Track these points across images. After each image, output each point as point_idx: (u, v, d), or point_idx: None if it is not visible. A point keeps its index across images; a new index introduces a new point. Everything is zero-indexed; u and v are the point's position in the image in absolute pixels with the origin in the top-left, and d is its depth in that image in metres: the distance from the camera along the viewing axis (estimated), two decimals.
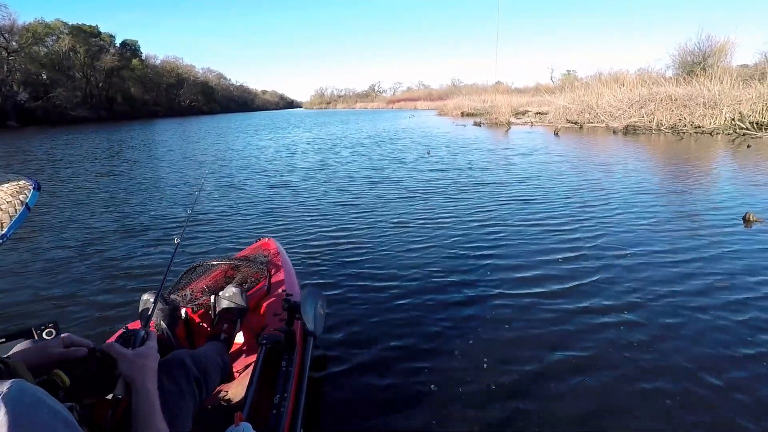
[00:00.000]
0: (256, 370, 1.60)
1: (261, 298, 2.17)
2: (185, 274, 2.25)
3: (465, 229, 4.57)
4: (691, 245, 3.86)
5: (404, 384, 2.09)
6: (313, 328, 1.76)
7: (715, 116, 15.45)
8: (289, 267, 2.49)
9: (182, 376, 1.25)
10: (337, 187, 6.97)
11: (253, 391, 1.50)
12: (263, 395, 1.54)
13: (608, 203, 5.50)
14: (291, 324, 1.78)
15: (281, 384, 1.56)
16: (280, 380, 1.58)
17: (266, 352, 1.72)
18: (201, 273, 2.26)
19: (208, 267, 2.30)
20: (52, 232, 4.84)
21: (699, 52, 22.81)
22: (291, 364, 1.67)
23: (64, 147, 15.13)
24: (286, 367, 1.65)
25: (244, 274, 2.25)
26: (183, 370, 1.27)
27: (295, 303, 1.81)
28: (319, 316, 1.83)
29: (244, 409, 1.39)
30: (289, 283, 2.27)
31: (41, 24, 42.56)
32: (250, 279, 2.23)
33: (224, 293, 1.90)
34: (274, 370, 1.66)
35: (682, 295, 2.94)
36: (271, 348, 1.74)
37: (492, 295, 2.99)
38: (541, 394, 2.00)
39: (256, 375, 1.57)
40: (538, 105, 27.04)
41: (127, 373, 1.02)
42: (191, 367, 1.30)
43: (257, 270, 2.28)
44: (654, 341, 2.40)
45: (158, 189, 7.37)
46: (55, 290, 3.27)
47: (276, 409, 1.45)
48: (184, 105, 63.49)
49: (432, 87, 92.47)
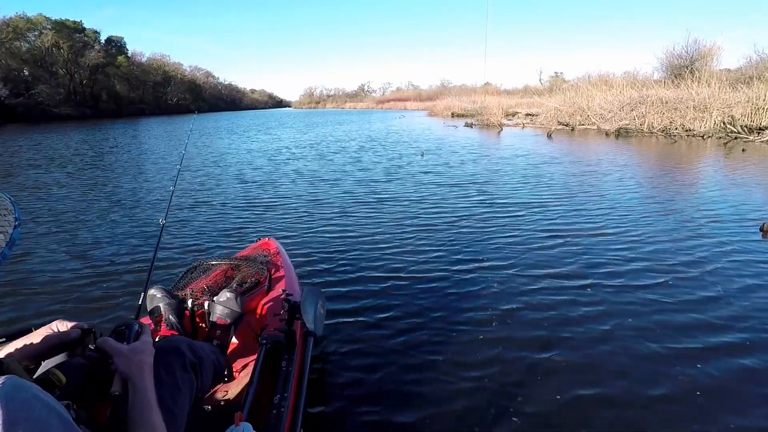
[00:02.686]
0: (256, 370, 1.59)
1: (261, 298, 2.17)
2: (185, 274, 2.24)
3: (466, 230, 4.55)
4: (705, 255, 3.72)
5: (405, 384, 2.09)
6: (313, 328, 1.76)
7: (705, 119, 15.60)
8: (289, 267, 2.49)
9: (178, 365, 1.22)
10: (335, 189, 6.95)
11: (253, 391, 1.49)
12: (263, 395, 1.54)
13: (621, 211, 5.21)
14: (291, 324, 1.77)
15: (281, 384, 1.56)
16: (280, 380, 1.58)
17: (266, 352, 1.71)
18: (201, 273, 2.25)
19: (208, 267, 2.30)
20: (35, 228, 4.78)
21: (686, 55, 23.11)
22: (291, 364, 1.67)
23: (36, 146, 14.67)
24: (286, 367, 1.64)
25: (244, 274, 2.24)
26: (179, 357, 1.24)
27: (295, 303, 1.81)
28: (319, 316, 1.83)
29: (244, 409, 1.38)
30: (289, 283, 2.27)
31: (23, 19, 41.51)
32: (250, 279, 2.21)
33: (219, 298, 1.86)
34: (274, 370, 1.66)
35: (681, 303, 2.86)
36: (271, 348, 1.74)
37: (493, 297, 2.98)
38: (541, 394, 2.00)
39: (256, 375, 1.56)
40: (527, 106, 27.16)
41: (122, 370, 0.99)
42: (187, 353, 1.27)
43: (257, 270, 2.27)
44: (654, 352, 2.32)
45: (141, 179, 7.47)
46: (47, 286, 3.27)
47: (276, 409, 1.44)
48: (171, 103, 62.48)
49: (421, 87, 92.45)
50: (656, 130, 16.24)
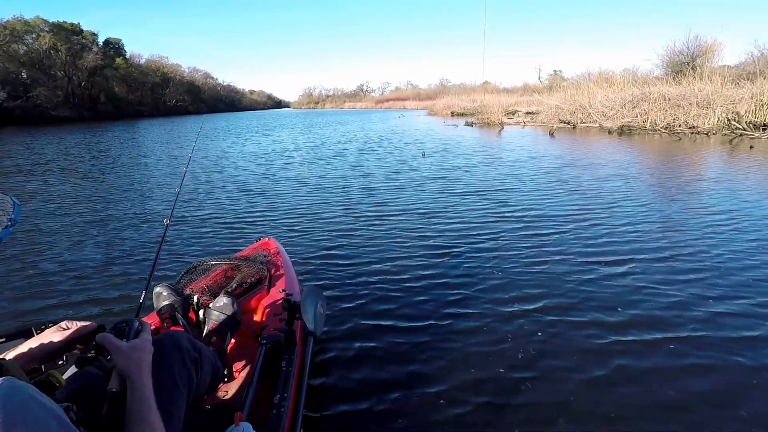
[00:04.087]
0: (256, 370, 1.59)
1: (261, 297, 2.17)
2: (185, 274, 2.23)
3: (468, 230, 4.47)
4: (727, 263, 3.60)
5: (405, 384, 2.07)
6: (313, 327, 1.76)
7: (709, 116, 15.46)
8: (289, 267, 2.49)
9: (178, 361, 1.20)
10: (336, 189, 6.88)
11: (253, 391, 1.49)
12: (263, 395, 1.53)
13: (644, 214, 4.90)
14: (291, 324, 1.77)
15: (281, 384, 1.55)
16: (280, 380, 1.58)
17: (266, 352, 1.71)
18: (201, 273, 2.25)
19: (208, 267, 2.30)
20: (36, 230, 4.73)
21: (687, 52, 22.97)
22: (291, 364, 1.66)
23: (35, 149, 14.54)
24: (286, 367, 1.64)
25: (244, 274, 2.23)
26: (179, 352, 1.22)
27: (295, 303, 1.80)
28: (319, 316, 1.83)
29: (244, 409, 1.38)
30: (289, 283, 2.27)
31: (20, 21, 41.35)
32: (250, 279, 2.21)
33: (215, 303, 1.83)
34: (274, 370, 1.65)
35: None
36: (271, 348, 1.74)
37: (495, 299, 2.93)
38: (545, 397, 1.97)
39: (256, 375, 1.56)
40: (527, 105, 26.98)
41: (121, 367, 0.97)
42: (187, 349, 1.25)
43: (257, 270, 2.27)
44: (658, 365, 2.20)
45: (145, 179, 7.48)
46: (48, 286, 3.27)
47: (276, 409, 1.44)
48: (170, 104, 62.37)
49: (420, 87, 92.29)
50: (659, 127, 16.09)
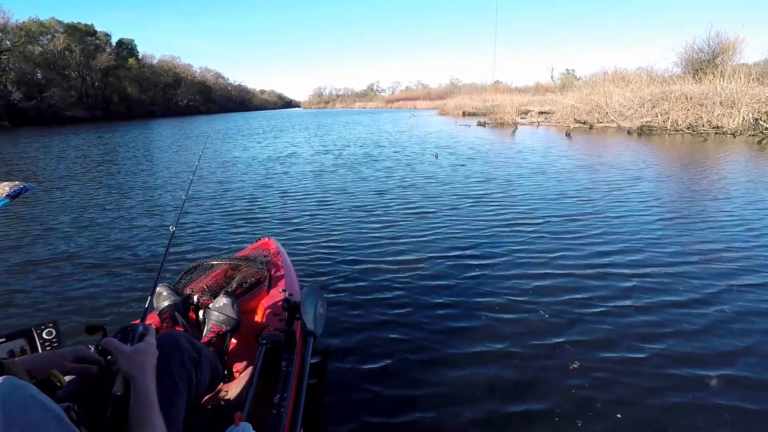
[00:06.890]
0: (256, 370, 1.59)
1: (261, 298, 2.18)
2: (185, 274, 2.23)
3: (471, 231, 4.41)
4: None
5: (404, 383, 2.07)
6: (313, 328, 1.76)
7: (734, 116, 14.88)
8: (289, 267, 2.49)
9: (177, 361, 1.19)
10: (339, 189, 6.80)
11: (253, 391, 1.48)
12: (263, 395, 1.53)
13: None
14: (291, 324, 1.77)
15: (281, 384, 1.55)
16: (280, 380, 1.57)
17: (266, 352, 1.71)
18: (201, 273, 2.24)
19: (208, 267, 2.29)
20: (44, 231, 4.77)
21: (708, 49, 22.30)
22: (291, 364, 1.66)
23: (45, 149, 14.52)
24: (286, 367, 1.64)
25: (244, 274, 2.22)
26: (178, 352, 1.21)
27: (295, 303, 1.80)
28: (319, 316, 1.82)
29: (244, 409, 1.37)
30: (289, 283, 2.27)
31: (35, 22, 41.90)
32: (250, 279, 2.20)
33: (215, 304, 1.81)
34: (274, 370, 1.65)
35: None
36: (271, 348, 1.73)
37: (498, 300, 2.88)
38: (547, 398, 1.94)
39: (256, 375, 1.56)
40: (540, 104, 26.44)
41: (125, 370, 0.97)
42: (187, 348, 1.24)
43: (257, 270, 2.26)
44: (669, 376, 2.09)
45: (152, 183, 7.42)
46: (52, 288, 3.26)
47: (276, 409, 1.44)
48: (182, 105, 62.80)
49: (431, 86, 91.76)
50: (682, 127, 15.53)
